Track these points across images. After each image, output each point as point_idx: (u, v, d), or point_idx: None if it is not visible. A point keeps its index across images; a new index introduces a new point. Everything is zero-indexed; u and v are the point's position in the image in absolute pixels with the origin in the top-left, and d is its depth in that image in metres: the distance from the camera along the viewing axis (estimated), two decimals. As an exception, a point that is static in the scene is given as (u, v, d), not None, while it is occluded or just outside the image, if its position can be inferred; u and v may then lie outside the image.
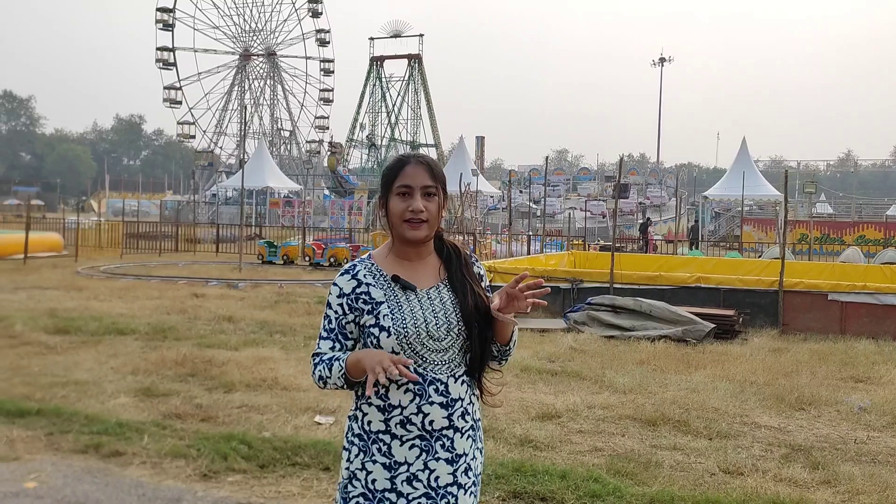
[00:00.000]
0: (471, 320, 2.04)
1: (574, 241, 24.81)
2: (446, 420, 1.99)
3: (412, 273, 2.07)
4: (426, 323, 2.01)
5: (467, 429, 2.04)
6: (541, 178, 35.58)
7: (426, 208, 2.03)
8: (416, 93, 66.13)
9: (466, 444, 2.04)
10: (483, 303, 2.06)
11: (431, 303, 2.04)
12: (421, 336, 2.00)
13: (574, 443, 5.11)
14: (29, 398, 5.87)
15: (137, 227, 26.82)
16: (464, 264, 2.11)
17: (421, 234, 2.04)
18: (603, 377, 7.22)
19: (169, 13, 63.04)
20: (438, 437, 1.99)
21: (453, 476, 2.00)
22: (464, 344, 2.04)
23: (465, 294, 2.06)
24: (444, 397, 1.99)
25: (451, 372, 2.02)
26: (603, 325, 10.11)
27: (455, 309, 2.04)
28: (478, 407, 2.11)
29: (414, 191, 2.02)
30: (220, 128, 66.29)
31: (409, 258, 2.09)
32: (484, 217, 38.72)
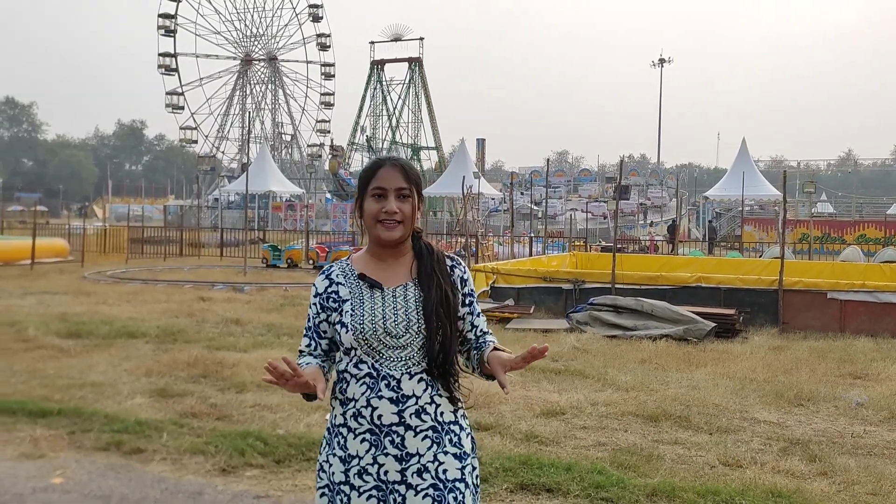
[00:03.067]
0: (432, 316, 2.04)
1: (575, 243, 24.97)
2: (396, 416, 1.99)
3: (384, 272, 2.11)
4: (384, 320, 2.03)
5: (424, 429, 2.01)
6: (542, 179, 35.76)
7: (400, 209, 2.07)
8: (416, 96, 66.44)
9: (422, 445, 2.00)
10: (451, 301, 2.07)
11: (395, 300, 2.06)
12: (378, 332, 2.02)
13: (578, 438, 5.27)
14: (48, 399, 6.05)
15: (142, 232, 27.01)
16: (436, 262, 2.12)
17: (395, 235, 2.07)
18: (606, 375, 7.38)
19: (171, 19, 63.35)
20: (388, 432, 1.99)
21: (401, 474, 1.99)
22: (424, 342, 2.04)
23: (430, 290, 2.07)
24: (395, 393, 2.00)
25: (407, 369, 2.03)
26: (605, 325, 10.27)
27: (417, 307, 2.05)
28: (452, 410, 2.08)
29: (388, 192, 2.07)
30: (221, 132, 66.58)
31: (384, 259, 2.13)
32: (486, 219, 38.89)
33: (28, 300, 12.55)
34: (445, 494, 2.00)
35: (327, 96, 67.88)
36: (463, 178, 23.16)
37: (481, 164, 59.32)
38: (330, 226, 37.61)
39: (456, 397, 2.09)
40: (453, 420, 2.07)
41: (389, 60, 66.54)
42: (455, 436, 2.06)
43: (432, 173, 58.22)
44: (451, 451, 2.04)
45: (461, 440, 2.07)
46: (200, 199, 49.91)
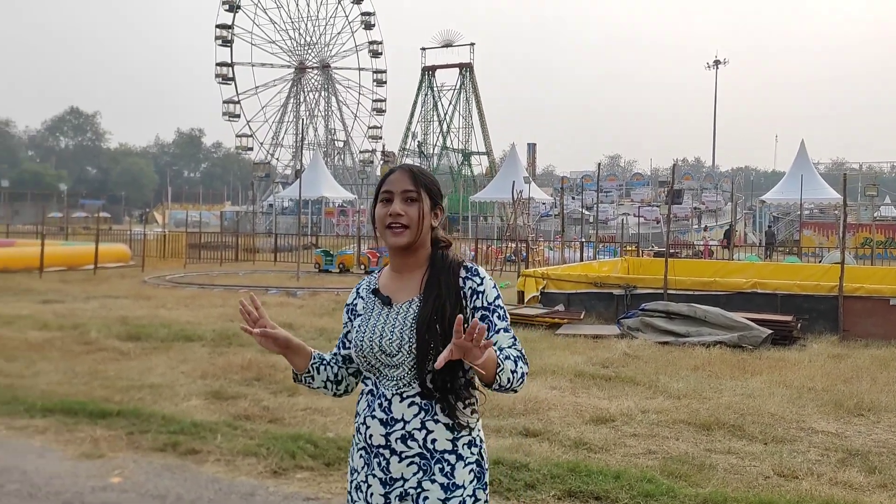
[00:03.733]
0: (423, 332, 1.91)
1: (627, 248, 24.65)
2: (383, 438, 1.92)
3: (399, 286, 2.03)
4: (381, 337, 1.96)
5: (410, 455, 1.91)
6: (593, 184, 35.43)
7: (405, 212, 1.98)
8: (467, 101, 66.53)
9: (407, 471, 1.91)
10: (444, 312, 1.92)
11: (396, 317, 1.98)
12: (374, 350, 1.96)
13: (628, 446, 5.21)
14: (108, 400, 6.26)
15: (199, 237, 27.70)
16: (444, 272, 1.99)
17: (402, 240, 1.98)
18: (657, 382, 7.28)
19: (228, 29, 64.86)
20: (376, 453, 1.94)
21: (385, 498, 1.93)
22: (415, 362, 1.93)
23: (427, 301, 1.95)
24: (385, 414, 1.93)
25: (398, 390, 1.94)
26: (657, 331, 10.12)
27: (412, 324, 1.95)
28: (449, 438, 1.92)
29: (394, 195, 2.00)
30: (276, 139, 67.83)
31: (401, 271, 2.05)
32: (536, 224, 38.69)
33: (91, 304, 12.99)
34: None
35: (379, 102, 68.54)
36: (513, 182, 23.11)
37: (532, 169, 59.12)
38: (381, 231, 37.88)
39: (459, 424, 1.93)
40: (449, 449, 1.91)
41: (440, 66, 66.82)
42: (448, 465, 1.91)
43: (483, 178, 58.26)
44: (440, 481, 1.90)
45: (454, 471, 1.91)
46: (255, 205, 50.90)
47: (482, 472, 1.99)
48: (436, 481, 1.90)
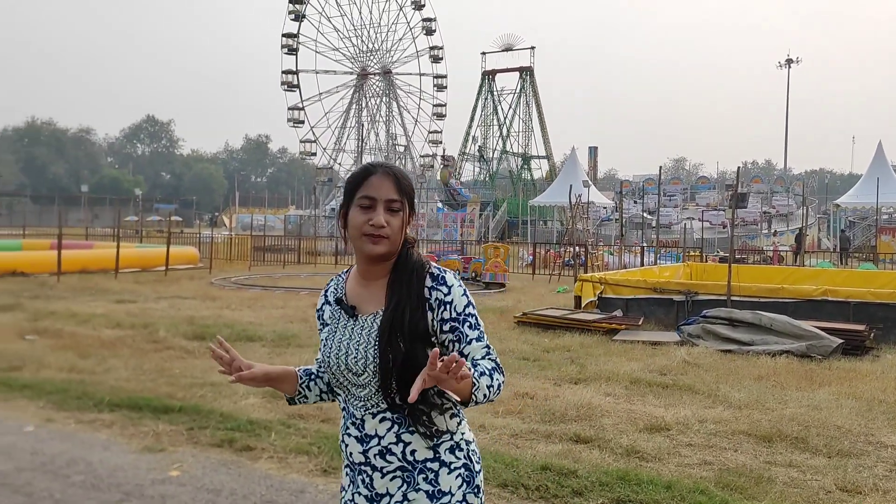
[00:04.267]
0: (386, 348, 1.79)
1: (691, 253, 24.10)
2: (362, 456, 1.86)
3: (366, 295, 1.91)
4: (346, 355, 1.86)
5: (391, 470, 1.84)
6: (656, 187, 34.77)
7: (388, 223, 1.85)
8: (527, 105, 66.25)
9: (391, 485, 1.84)
10: (413, 318, 1.81)
11: (361, 332, 1.87)
12: (341, 368, 1.87)
13: (682, 455, 5.09)
14: (172, 397, 6.48)
15: (263, 240, 28.37)
16: (409, 275, 1.87)
17: (380, 250, 1.85)
18: (717, 391, 7.09)
19: (293, 38, 66.29)
20: (359, 470, 1.88)
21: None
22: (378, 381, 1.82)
23: (386, 312, 1.83)
24: (359, 432, 1.86)
25: (367, 410, 1.85)
26: (719, 339, 9.86)
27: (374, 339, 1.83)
28: (429, 447, 1.84)
29: (377, 203, 1.85)
30: (338, 145, 68.91)
31: (368, 277, 1.93)
32: (597, 228, 38.21)
33: (161, 304, 13.46)
34: None
35: (439, 107, 68.88)
36: (570, 186, 22.88)
37: (593, 173, 58.43)
38: (441, 234, 38.09)
39: (431, 433, 1.83)
40: (431, 457, 1.84)
41: (500, 70, 66.76)
42: (432, 473, 1.83)
43: (543, 183, 57.85)
44: (424, 489, 1.82)
45: (438, 478, 1.83)
46: (318, 209, 51.82)
47: (472, 475, 1.89)
48: (420, 490, 1.83)
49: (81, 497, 4.33)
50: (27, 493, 4.38)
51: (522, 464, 4.69)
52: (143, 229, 38.72)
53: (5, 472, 4.72)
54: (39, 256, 20.15)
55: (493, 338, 10.07)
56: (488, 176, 63.31)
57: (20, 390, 6.79)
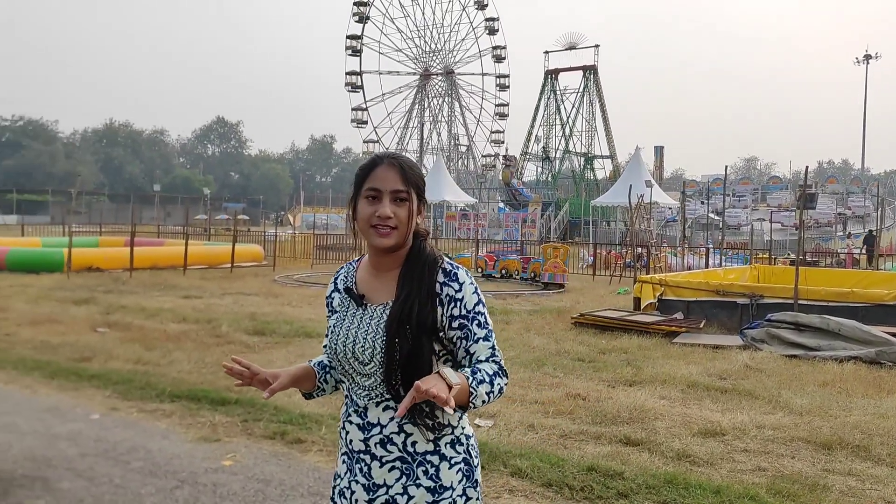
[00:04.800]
0: (391, 332, 1.80)
1: (759, 255, 23.40)
2: (362, 444, 1.86)
3: (376, 285, 1.92)
4: (354, 343, 1.86)
5: (391, 460, 1.83)
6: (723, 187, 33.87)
7: (395, 214, 1.85)
8: (590, 104, 65.46)
9: (389, 476, 1.83)
10: (416, 315, 1.80)
11: (370, 322, 1.87)
12: (348, 356, 1.87)
13: (736, 461, 4.96)
14: (230, 389, 6.65)
15: (326, 239, 28.84)
16: (421, 269, 1.87)
17: (388, 242, 1.85)
18: (778, 397, 6.88)
19: (357, 40, 67.32)
20: (357, 458, 1.87)
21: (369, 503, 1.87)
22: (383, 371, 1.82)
23: (395, 303, 1.84)
24: (362, 419, 1.86)
25: (370, 399, 1.86)
26: (784, 344, 9.55)
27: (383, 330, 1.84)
28: (429, 440, 1.84)
29: (382, 195, 1.85)
30: (401, 145, 69.58)
31: (379, 268, 1.93)
32: (662, 229, 37.48)
33: (225, 300, 13.85)
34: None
35: (502, 107, 68.85)
36: (630, 186, 22.49)
37: (659, 173, 57.37)
38: (502, 234, 38.02)
39: (432, 426, 1.83)
40: (431, 450, 1.84)
41: (563, 69, 66.20)
42: (432, 467, 1.83)
43: (606, 182, 57.09)
44: (425, 485, 1.82)
45: (439, 472, 1.84)
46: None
47: (471, 470, 1.89)
48: (421, 485, 1.82)
49: (139, 483, 4.51)
50: (89, 478, 4.58)
51: (569, 464, 4.65)
52: (211, 227, 39.86)
53: (70, 457, 4.95)
54: (114, 253, 20.97)
55: (549, 338, 10.05)
56: (551, 176, 62.85)
57: (89, 380, 7.11)
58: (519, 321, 11.60)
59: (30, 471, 4.69)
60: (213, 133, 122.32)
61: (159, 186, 78.59)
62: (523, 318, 11.86)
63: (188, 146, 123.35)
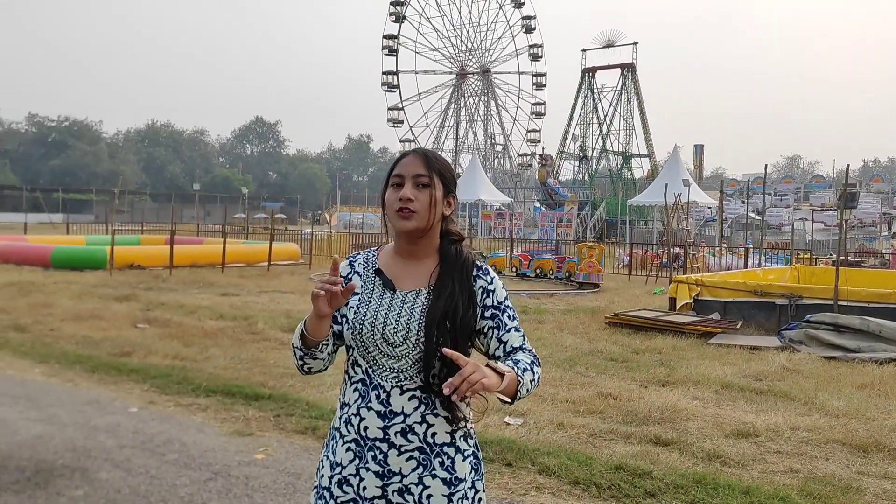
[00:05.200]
0: (432, 327, 1.84)
1: (800, 255, 22.94)
2: (381, 431, 1.85)
3: (404, 272, 1.95)
4: (384, 325, 1.87)
5: (410, 449, 1.84)
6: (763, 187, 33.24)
7: (416, 197, 1.89)
8: (628, 102, 64.82)
9: (406, 465, 1.84)
10: (461, 313, 1.87)
11: (402, 306, 1.89)
12: (375, 337, 1.87)
13: (768, 462, 4.90)
14: (263, 385, 6.79)
15: (361, 238, 29.07)
16: (457, 269, 1.92)
17: (409, 225, 1.89)
18: (815, 399, 6.76)
19: (394, 39, 67.64)
20: (371, 446, 1.86)
21: (382, 490, 1.85)
22: (420, 356, 1.85)
23: (439, 299, 1.87)
24: (384, 407, 1.85)
25: (399, 382, 1.86)
26: (823, 345, 9.38)
27: (422, 316, 1.87)
28: (448, 431, 1.87)
29: (405, 180, 1.92)
30: (437, 144, 69.71)
31: (406, 257, 1.97)
32: (700, 229, 36.97)
33: (262, 297, 14.06)
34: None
35: (538, 106, 68.56)
36: (665, 185, 22.20)
37: (698, 172, 56.54)
38: (538, 234, 37.88)
39: (457, 417, 1.87)
40: (448, 442, 1.87)
41: (601, 67, 65.66)
42: (448, 459, 1.87)
43: (644, 181, 56.47)
44: (441, 476, 1.85)
45: (454, 465, 1.87)
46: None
47: (478, 462, 1.95)
48: (437, 476, 1.85)
49: (174, 474, 4.62)
50: (126, 469, 4.71)
51: (597, 463, 4.64)
52: (250, 226, 40.46)
53: (109, 449, 5.09)
54: (155, 251, 21.39)
55: (582, 338, 10.01)
56: (587, 175, 62.38)
57: (128, 374, 7.29)
58: (552, 320, 11.57)
59: (70, 461, 4.84)
60: (251, 133, 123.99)
61: (199, 186, 79.90)
62: (557, 318, 11.83)
63: (227, 146, 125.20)
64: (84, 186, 77.83)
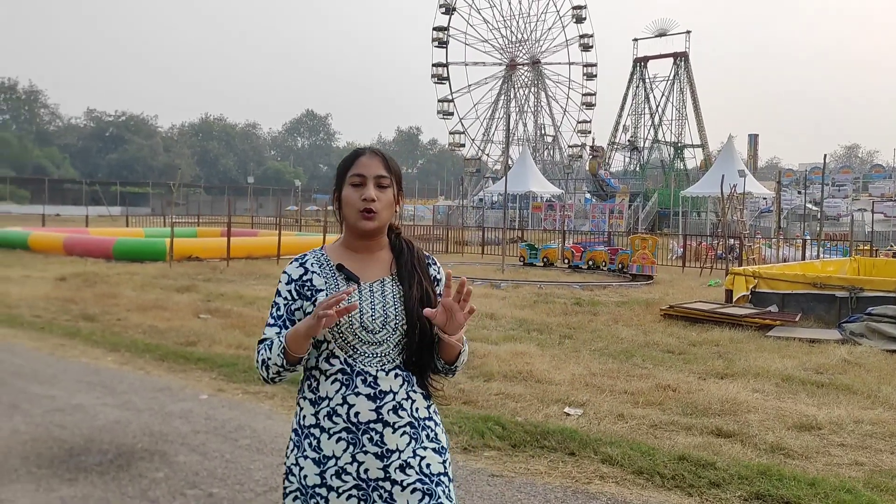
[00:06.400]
0: (413, 312, 1.98)
1: (860, 247, 22.33)
2: (374, 413, 1.93)
3: (360, 265, 2.05)
4: (361, 314, 1.96)
5: (402, 425, 1.95)
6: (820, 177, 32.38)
7: (378, 198, 2.01)
8: (681, 92, 63.64)
9: (401, 441, 1.94)
10: (430, 296, 2.02)
11: (372, 295, 2.00)
12: (353, 327, 1.95)
13: (832, 455, 4.87)
14: (326, 374, 6.97)
15: (413, 230, 29.31)
16: (416, 258, 2.08)
17: (372, 225, 2.01)
18: (878, 392, 6.66)
19: (444, 31, 67.66)
20: (366, 430, 1.92)
21: (384, 471, 1.93)
22: (401, 339, 1.99)
23: (412, 285, 2.01)
24: (372, 389, 1.94)
25: (382, 366, 1.97)
26: (885, 338, 9.18)
27: (396, 302, 2.00)
28: (426, 406, 2.02)
29: (367, 180, 2.01)
30: (487, 136, 69.64)
31: (359, 251, 2.07)
32: (756, 220, 36.20)
33: (316, 289, 14.33)
34: (434, 488, 1.95)
35: (589, 97, 67.86)
36: (722, 176, 21.82)
37: (753, 162, 55.31)
38: (588, 226, 37.60)
39: (431, 392, 2.05)
40: (427, 416, 2.02)
41: (653, 57, 64.59)
42: (431, 431, 2.01)
43: (697, 172, 55.50)
44: (430, 446, 1.99)
45: (437, 435, 2.03)
46: (466, 199, 52.62)
47: (447, 435, 2.13)
48: (427, 447, 1.98)
49: (248, 459, 4.82)
50: (202, 453, 4.93)
51: (659, 453, 4.69)
52: (302, 218, 41.10)
53: (184, 434, 5.33)
54: (211, 243, 21.95)
55: (638, 330, 9.99)
56: (639, 166, 61.56)
57: (195, 363, 7.57)
58: (607, 312, 11.55)
59: (148, 445, 5.09)
60: (302, 126, 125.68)
61: (253, 178, 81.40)
62: (611, 310, 11.80)
63: (279, 139, 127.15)
64: (141, 180, 80.00)
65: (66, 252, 20.40)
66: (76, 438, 5.19)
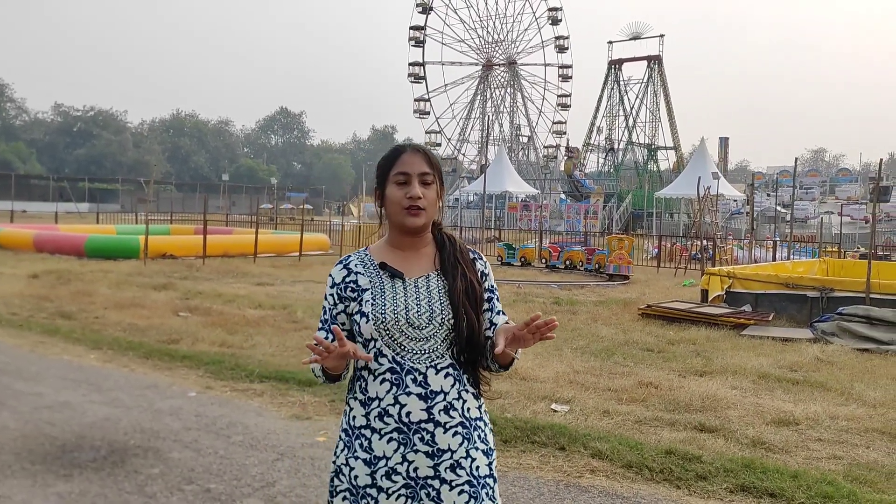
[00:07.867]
0: (459, 306, 1.98)
1: (828, 248, 22.85)
2: (425, 413, 1.93)
3: (405, 262, 2.05)
4: (407, 310, 1.96)
5: (453, 425, 1.95)
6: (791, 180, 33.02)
7: (424, 195, 2.01)
8: (655, 95, 64.35)
9: (453, 441, 1.94)
10: (477, 291, 2.03)
11: (417, 291, 2.00)
12: (400, 323, 1.95)
13: (811, 449, 5.06)
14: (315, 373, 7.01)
15: (390, 229, 29.25)
16: (458, 251, 2.08)
17: (419, 222, 2.02)
18: (851, 389, 6.88)
19: (420, 30, 67.66)
20: (417, 430, 1.93)
21: (434, 469, 1.93)
22: (448, 334, 1.98)
23: (455, 278, 2.01)
24: (423, 388, 1.94)
25: (432, 362, 1.96)
26: (855, 338, 9.46)
27: (441, 297, 1.99)
28: (477, 406, 2.02)
29: (411, 178, 2.01)
30: (463, 135, 69.79)
31: (404, 248, 2.07)
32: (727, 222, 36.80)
33: (296, 287, 14.32)
34: (479, 490, 1.95)
35: (564, 98, 68.32)
36: (699, 178, 22.21)
37: (723, 164, 56.11)
38: (564, 226, 37.93)
39: (482, 391, 2.06)
40: (478, 416, 2.02)
41: (627, 60, 65.20)
42: (482, 432, 2.02)
43: (670, 174, 56.19)
44: (481, 448, 1.99)
45: (486, 436, 2.04)
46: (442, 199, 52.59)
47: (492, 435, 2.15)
48: (478, 448, 1.98)
49: (242, 455, 4.87)
50: (195, 449, 4.97)
51: (647, 448, 4.83)
52: (277, 216, 40.86)
53: (175, 430, 5.36)
54: (186, 240, 21.73)
55: (617, 328, 10.16)
56: (613, 167, 62.15)
57: (181, 360, 7.57)
58: (586, 311, 11.72)
59: (141, 442, 5.11)
60: (276, 123, 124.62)
61: (227, 176, 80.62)
62: (590, 309, 11.98)
63: (252, 136, 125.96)
64: (109, 176, 78.82)
65: (37, 249, 20.05)
66: (67, 435, 5.19)
